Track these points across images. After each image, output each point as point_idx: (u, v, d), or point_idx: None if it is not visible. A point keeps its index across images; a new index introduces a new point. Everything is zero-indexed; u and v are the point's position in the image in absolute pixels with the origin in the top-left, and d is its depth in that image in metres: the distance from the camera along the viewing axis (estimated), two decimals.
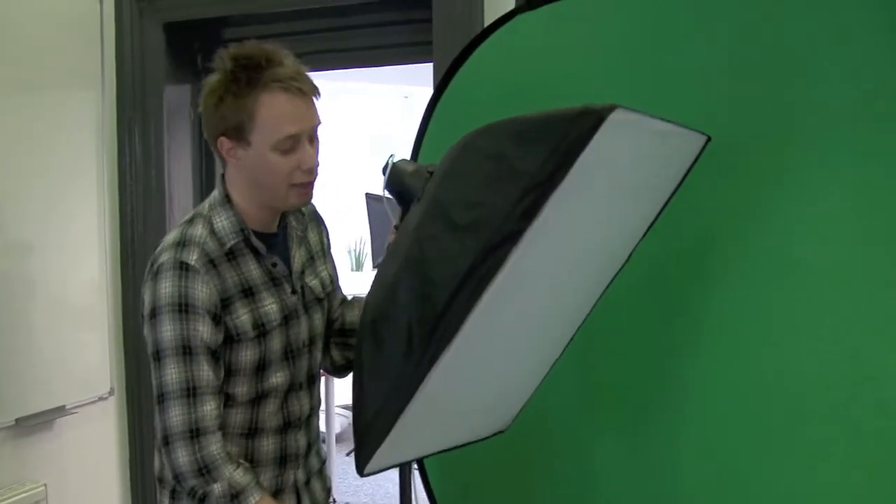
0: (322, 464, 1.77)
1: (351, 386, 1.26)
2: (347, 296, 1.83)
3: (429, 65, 2.36)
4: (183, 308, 1.47)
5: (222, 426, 1.51)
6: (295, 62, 1.51)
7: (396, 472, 1.55)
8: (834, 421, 1.39)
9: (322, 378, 1.77)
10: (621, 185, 1.29)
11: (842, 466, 1.39)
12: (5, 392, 2.32)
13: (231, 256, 1.54)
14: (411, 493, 1.51)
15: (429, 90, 2.09)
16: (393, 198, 1.43)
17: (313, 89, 1.51)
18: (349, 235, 6.83)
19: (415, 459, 1.59)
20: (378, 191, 1.62)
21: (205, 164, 2.96)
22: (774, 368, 1.46)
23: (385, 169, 1.43)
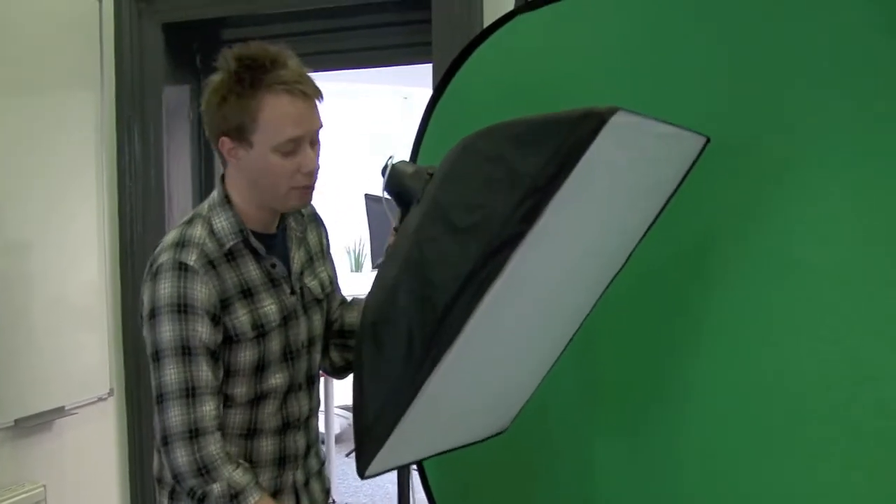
0: (321, 465, 1.77)
1: (351, 387, 1.26)
2: (347, 297, 1.83)
3: (428, 66, 2.36)
4: (182, 308, 1.47)
5: (221, 427, 1.51)
6: (299, 65, 1.50)
7: (396, 473, 1.54)
8: (834, 421, 1.39)
9: (321, 379, 1.77)
10: (621, 187, 1.29)
11: (842, 466, 1.39)
12: (4, 393, 2.32)
13: (230, 257, 1.54)
14: (409, 494, 1.51)
15: (428, 91, 2.09)
16: (392, 199, 1.43)
17: (317, 92, 1.51)
18: (348, 236, 6.83)
19: (415, 462, 1.59)
20: (377, 192, 1.62)
21: (204, 165, 2.96)
22: (774, 368, 1.46)
23: (384, 170, 1.43)
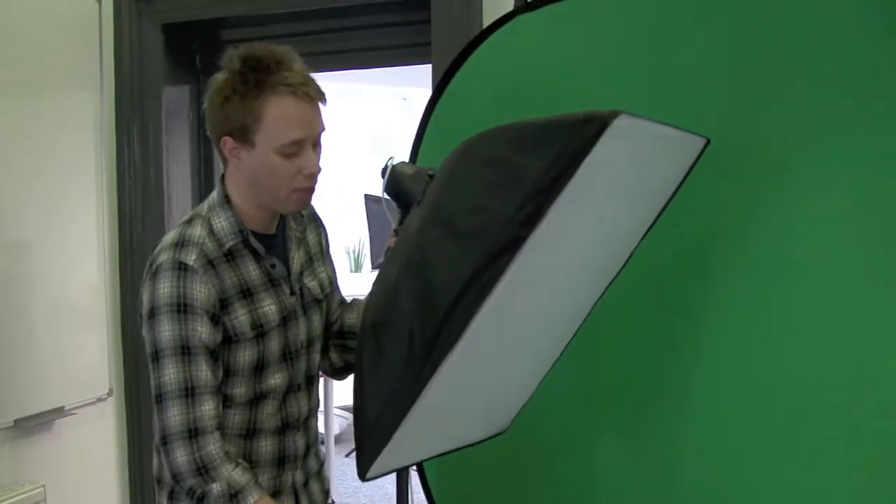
0: (321, 465, 1.77)
1: (350, 388, 1.26)
2: (346, 298, 1.83)
3: (428, 66, 2.36)
4: (181, 308, 1.47)
5: (221, 426, 1.51)
6: (304, 67, 1.50)
7: (395, 474, 1.54)
8: (834, 421, 1.39)
9: (321, 379, 1.77)
10: (622, 189, 1.29)
11: (842, 466, 1.39)
12: (4, 393, 2.31)
13: (230, 257, 1.53)
14: (408, 495, 1.51)
15: (428, 91, 2.09)
16: (392, 200, 1.43)
17: (320, 95, 1.51)
18: (348, 236, 6.82)
19: (416, 463, 1.58)
20: (377, 192, 1.61)
21: (204, 165, 2.96)
22: (774, 368, 1.46)
23: (384, 171, 1.43)
